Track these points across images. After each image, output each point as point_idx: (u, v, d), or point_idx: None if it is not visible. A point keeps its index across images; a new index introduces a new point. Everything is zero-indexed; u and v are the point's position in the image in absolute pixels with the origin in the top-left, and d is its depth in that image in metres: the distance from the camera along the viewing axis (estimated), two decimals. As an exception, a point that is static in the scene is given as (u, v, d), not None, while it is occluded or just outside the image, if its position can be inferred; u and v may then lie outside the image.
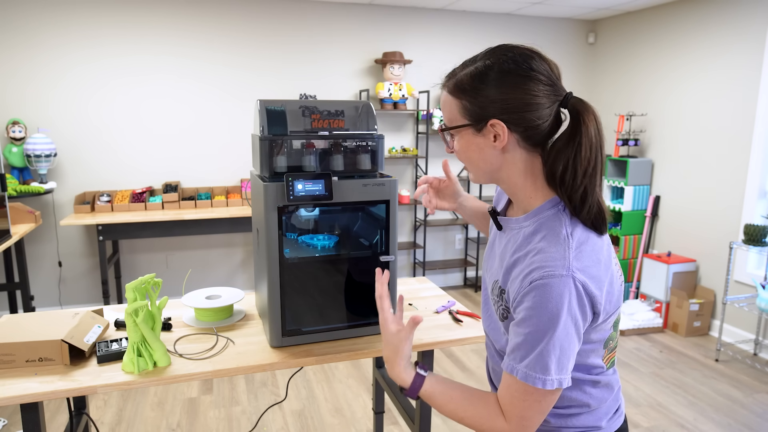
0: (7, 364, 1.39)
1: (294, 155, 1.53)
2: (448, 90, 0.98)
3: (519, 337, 0.91)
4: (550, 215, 0.96)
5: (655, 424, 2.85)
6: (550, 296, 0.87)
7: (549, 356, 0.88)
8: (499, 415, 0.95)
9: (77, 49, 3.96)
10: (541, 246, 0.92)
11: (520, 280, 0.92)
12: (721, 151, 3.97)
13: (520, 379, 0.90)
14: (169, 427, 2.78)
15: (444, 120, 1.01)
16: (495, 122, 0.92)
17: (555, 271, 0.87)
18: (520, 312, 0.91)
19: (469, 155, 0.99)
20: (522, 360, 0.90)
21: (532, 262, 0.91)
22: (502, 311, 0.99)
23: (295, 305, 1.53)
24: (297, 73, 4.46)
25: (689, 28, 4.18)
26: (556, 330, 0.87)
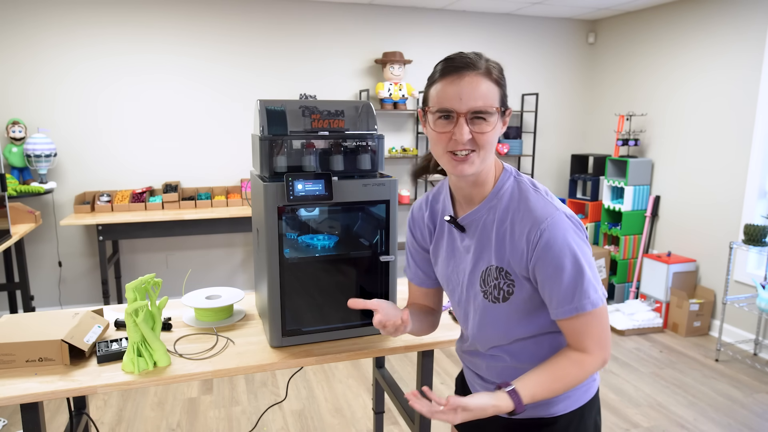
0: (7, 364, 1.39)
1: (294, 155, 1.53)
2: (491, 78, 1.05)
3: (562, 283, 1.02)
4: (512, 183, 1.10)
5: (655, 424, 2.85)
6: (560, 233, 1.01)
7: (590, 278, 1.02)
8: (583, 359, 1.05)
9: (77, 49, 3.96)
10: (523, 207, 1.06)
11: (525, 239, 1.03)
12: (721, 151, 3.97)
13: (589, 310, 1.02)
14: (169, 427, 2.78)
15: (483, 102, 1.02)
16: (509, 110, 1.09)
17: (552, 214, 1.02)
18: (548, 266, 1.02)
19: (494, 139, 1.06)
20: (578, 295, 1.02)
21: (527, 221, 1.04)
22: (506, 291, 1.08)
23: (295, 305, 1.53)
24: (297, 73, 4.46)
25: (689, 28, 4.18)
26: (581, 254, 1.02)
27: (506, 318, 1.11)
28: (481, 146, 1.04)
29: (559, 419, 1.16)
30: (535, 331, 1.12)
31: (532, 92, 5.08)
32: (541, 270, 1.03)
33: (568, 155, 5.34)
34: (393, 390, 2.02)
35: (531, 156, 5.05)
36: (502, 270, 1.08)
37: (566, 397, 1.15)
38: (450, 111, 1.03)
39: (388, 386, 2.07)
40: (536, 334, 1.13)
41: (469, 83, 1.02)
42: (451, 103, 1.02)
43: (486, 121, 1.03)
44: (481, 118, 1.03)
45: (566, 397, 1.15)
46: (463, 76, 1.03)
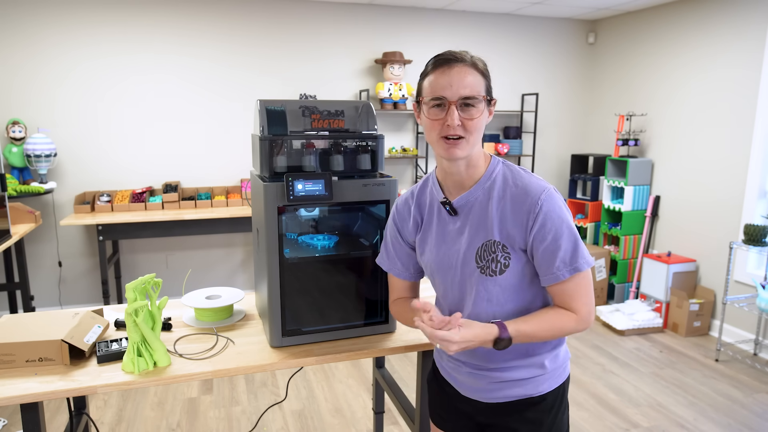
0: (7, 364, 1.39)
1: (294, 155, 1.53)
2: (478, 70, 1.17)
3: (559, 248, 1.14)
4: (501, 167, 1.23)
5: (655, 424, 2.85)
6: (555, 204, 1.15)
7: (580, 242, 1.16)
8: (569, 314, 1.17)
9: (77, 49, 3.96)
10: (519, 184, 1.18)
11: (526, 212, 1.15)
12: (721, 150, 3.97)
13: (583, 269, 1.15)
14: (169, 427, 2.78)
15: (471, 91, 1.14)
16: (494, 100, 1.20)
17: (546, 187, 1.16)
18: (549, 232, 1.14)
19: (481, 126, 1.17)
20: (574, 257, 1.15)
21: (525, 197, 1.16)
22: (502, 264, 1.18)
23: (295, 305, 1.53)
24: (297, 73, 4.46)
25: (689, 28, 4.18)
26: (572, 224, 1.17)
27: (501, 290, 1.20)
28: (470, 131, 1.15)
29: (546, 396, 1.26)
30: (526, 303, 1.22)
31: (532, 92, 5.08)
32: (541, 237, 1.14)
33: (568, 155, 5.34)
34: (393, 390, 2.02)
35: (531, 156, 5.05)
36: (500, 243, 1.18)
37: (550, 377, 1.26)
38: (442, 99, 1.14)
39: (388, 386, 2.08)
40: (527, 306, 1.23)
41: (458, 73, 1.14)
42: (443, 91, 1.14)
43: (474, 107, 1.15)
44: (469, 105, 1.15)
45: (550, 377, 1.26)
46: (453, 67, 1.15)
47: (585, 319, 1.18)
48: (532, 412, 1.26)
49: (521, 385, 1.25)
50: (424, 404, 1.71)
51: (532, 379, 1.25)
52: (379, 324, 1.64)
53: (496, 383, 1.27)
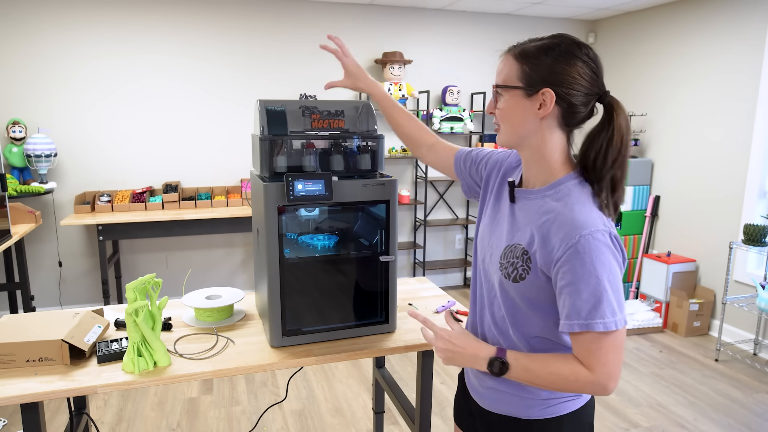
0: (7, 364, 1.39)
1: (294, 155, 1.53)
2: (512, 54, 1.08)
3: (581, 294, 0.99)
4: (575, 184, 1.07)
5: (655, 424, 2.85)
6: (600, 249, 0.98)
7: (612, 299, 0.99)
8: (581, 370, 1.02)
9: (78, 50, 3.96)
10: (574, 209, 1.03)
11: (560, 242, 1.01)
12: (721, 150, 3.97)
13: (598, 330, 0.98)
14: (169, 427, 2.78)
15: (498, 80, 1.10)
16: (546, 90, 1.03)
17: (597, 227, 0.99)
18: (573, 271, 0.99)
19: (511, 115, 1.08)
20: (592, 312, 0.99)
21: (567, 224, 1.01)
22: (519, 272, 1.08)
23: (295, 305, 1.53)
24: (297, 73, 4.46)
25: (689, 28, 4.18)
26: (610, 275, 0.99)
27: (511, 299, 1.12)
28: (499, 121, 1.11)
29: (533, 424, 1.15)
30: (535, 330, 1.11)
31: (532, 92, 5.07)
32: (565, 275, 1.01)
33: (568, 155, 5.33)
34: (393, 390, 2.02)
35: (531, 156, 5.05)
36: (526, 253, 1.08)
37: (544, 404, 1.14)
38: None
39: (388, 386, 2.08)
40: (536, 334, 1.12)
41: (502, 64, 1.10)
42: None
43: (501, 96, 1.09)
44: (498, 93, 1.10)
45: (544, 404, 1.14)
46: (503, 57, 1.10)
47: (601, 381, 1.01)
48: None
49: (509, 402, 1.17)
50: (424, 404, 1.71)
51: (523, 399, 1.15)
52: (379, 324, 1.64)
53: (489, 389, 1.21)
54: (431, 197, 5.01)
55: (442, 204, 5.06)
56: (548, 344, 1.12)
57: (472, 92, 4.92)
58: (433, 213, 5.04)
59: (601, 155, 1.04)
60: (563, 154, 1.09)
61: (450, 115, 4.65)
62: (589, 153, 1.05)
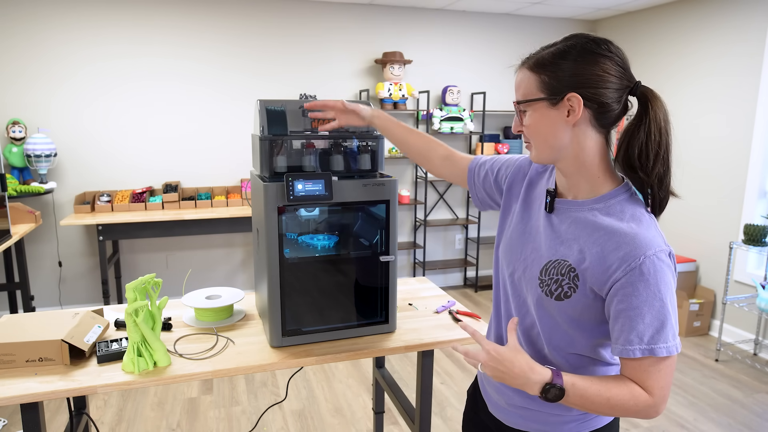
0: (7, 364, 1.39)
1: (294, 155, 1.53)
2: (527, 67, 1.01)
3: (644, 317, 0.93)
4: (627, 197, 1.01)
5: (655, 424, 2.85)
6: (663, 272, 0.93)
7: (671, 325, 0.94)
8: (641, 393, 0.97)
9: (77, 50, 3.96)
10: (633, 227, 0.96)
11: (619, 259, 0.94)
12: (721, 150, 3.97)
13: (661, 355, 0.94)
14: (169, 427, 2.78)
15: (518, 97, 1.03)
16: (572, 95, 0.96)
17: (660, 248, 0.94)
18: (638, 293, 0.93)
19: (540, 129, 1.01)
20: (655, 337, 0.94)
21: (628, 243, 0.95)
22: (565, 290, 1.01)
23: (295, 305, 1.53)
24: (297, 73, 4.46)
25: (689, 29, 4.18)
26: (672, 297, 0.95)
27: (551, 316, 1.05)
28: (530, 137, 1.04)
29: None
30: (574, 348, 1.06)
31: (532, 92, 5.07)
32: (626, 298, 0.94)
33: (568, 155, 5.33)
34: (393, 390, 2.02)
35: (531, 156, 5.05)
36: (573, 270, 1.00)
37: (577, 420, 1.10)
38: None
39: (388, 386, 2.08)
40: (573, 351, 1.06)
41: (519, 80, 1.03)
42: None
43: (525, 112, 1.02)
44: (522, 111, 1.03)
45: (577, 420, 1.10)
46: (517, 71, 1.04)
47: (658, 404, 0.96)
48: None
49: (538, 420, 1.11)
50: (424, 404, 1.71)
51: (553, 416, 1.10)
52: (379, 324, 1.64)
53: (518, 408, 1.14)
54: (431, 197, 5.01)
55: (442, 204, 5.06)
56: (585, 361, 1.07)
57: (472, 92, 4.92)
58: (433, 213, 5.04)
59: (643, 151, 0.97)
60: (604, 160, 1.02)
61: (450, 115, 4.65)
62: (629, 151, 0.98)
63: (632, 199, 1.02)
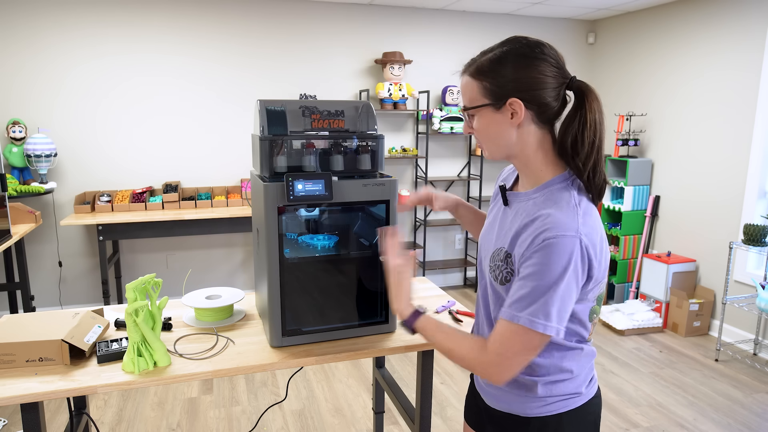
0: (7, 364, 1.39)
1: (294, 155, 1.53)
2: (469, 74, 1.09)
3: (525, 288, 1.01)
4: (560, 188, 1.08)
5: (655, 424, 2.85)
6: (561, 253, 0.98)
7: (552, 305, 0.99)
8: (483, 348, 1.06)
9: (77, 49, 3.96)
10: (551, 212, 1.03)
11: (531, 239, 1.02)
12: (721, 150, 3.97)
13: (522, 324, 1.00)
14: (169, 427, 2.78)
15: (465, 102, 1.12)
16: (513, 100, 1.04)
17: (567, 232, 0.99)
18: (529, 267, 1.01)
19: (488, 132, 1.10)
20: (526, 308, 1.00)
21: (543, 225, 1.01)
22: (504, 275, 1.10)
23: (295, 305, 1.53)
24: (297, 73, 4.46)
25: (689, 28, 4.18)
26: (561, 283, 0.98)
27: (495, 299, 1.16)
28: (480, 140, 1.13)
29: (531, 420, 1.17)
30: None
31: (532, 92, 5.07)
32: (523, 270, 1.02)
33: (568, 155, 5.33)
34: (393, 390, 2.02)
35: (531, 156, 5.05)
36: (509, 256, 1.09)
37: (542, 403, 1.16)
38: None
39: (388, 386, 2.08)
40: None
41: (463, 85, 1.11)
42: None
43: (473, 117, 1.11)
44: (470, 115, 1.12)
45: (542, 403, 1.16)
46: (461, 77, 1.12)
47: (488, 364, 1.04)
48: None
49: (509, 401, 1.20)
50: (424, 404, 1.71)
51: (521, 397, 1.17)
52: (379, 324, 1.64)
53: (491, 388, 1.25)
54: (431, 197, 5.00)
55: (442, 204, 5.06)
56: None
57: (472, 92, 4.92)
58: (433, 213, 5.04)
59: (578, 140, 1.05)
60: (549, 152, 1.10)
61: (450, 115, 4.65)
62: (565, 139, 1.07)
63: (565, 188, 1.07)
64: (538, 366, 1.14)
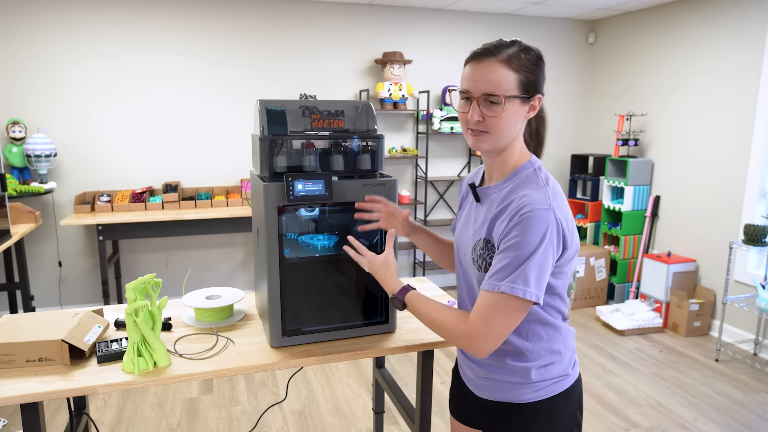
0: (7, 364, 1.39)
1: (294, 155, 1.53)
2: (501, 62, 1.10)
3: (505, 260, 1.08)
4: (528, 173, 1.18)
5: (655, 424, 2.85)
6: (537, 224, 1.06)
7: (530, 272, 1.06)
8: (466, 319, 1.12)
9: (77, 50, 3.96)
10: (525, 193, 1.12)
11: (509, 218, 1.10)
12: (721, 150, 3.97)
13: (503, 291, 1.07)
14: (169, 427, 2.78)
15: (490, 88, 1.11)
16: (539, 97, 1.15)
17: (540, 206, 1.07)
18: (508, 241, 1.08)
19: (509, 122, 1.13)
20: (506, 278, 1.07)
21: (519, 203, 1.10)
22: (488, 262, 1.16)
23: (295, 305, 1.53)
24: (297, 73, 4.46)
25: (689, 28, 4.18)
26: (538, 251, 1.06)
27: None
28: (491, 129, 1.13)
29: (526, 407, 1.22)
30: None
31: (532, 92, 5.08)
32: (503, 243, 1.10)
33: (568, 155, 5.34)
34: (393, 390, 2.02)
35: (531, 156, 5.05)
36: (489, 242, 1.17)
37: (536, 388, 1.21)
38: (467, 92, 1.14)
39: (388, 386, 2.08)
40: None
41: (485, 68, 1.11)
42: (468, 84, 1.13)
43: (497, 105, 1.11)
44: (493, 102, 1.11)
45: (536, 388, 1.21)
46: (482, 61, 1.11)
47: (472, 336, 1.09)
48: (516, 419, 1.24)
49: (504, 389, 1.24)
50: (424, 404, 1.71)
51: (516, 385, 1.22)
52: (379, 324, 1.64)
53: (483, 379, 1.28)
54: (431, 197, 5.01)
55: (442, 204, 5.06)
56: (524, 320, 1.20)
57: (472, 92, 4.92)
58: (433, 213, 5.04)
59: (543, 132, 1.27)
60: (521, 142, 1.22)
61: (450, 115, 4.65)
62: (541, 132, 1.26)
63: (534, 173, 1.18)
64: (529, 351, 1.19)
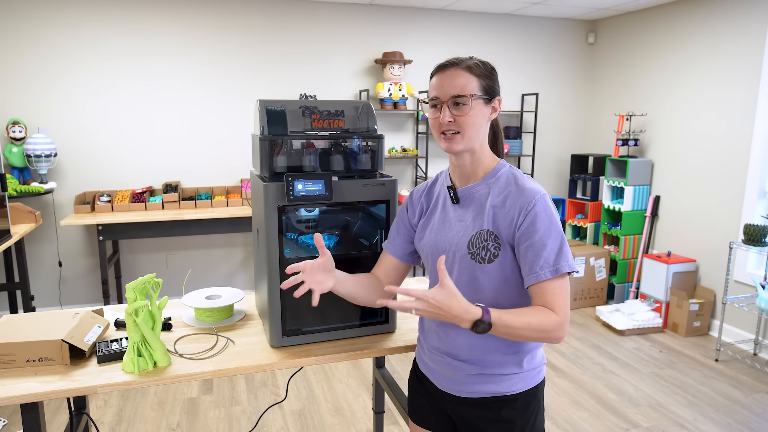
0: (7, 364, 1.39)
1: (294, 155, 1.53)
2: (465, 69, 1.24)
3: (546, 246, 1.18)
4: (507, 171, 1.31)
5: (655, 424, 2.85)
6: (549, 206, 1.22)
7: (566, 247, 1.20)
8: (550, 313, 1.17)
9: (78, 50, 3.96)
10: (519, 185, 1.26)
11: (518, 209, 1.22)
12: (721, 150, 3.97)
13: (565, 271, 1.17)
14: (169, 427, 2.78)
15: (456, 91, 1.23)
16: (499, 99, 1.30)
17: (541, 192, 1.23)
18: (538, 229, 1.19)
19: (476, 120, 1.25)
20: (559, 258, 1.18)
21: (520, 196, 1.23)
22: (493, 253, 1.24)
23: (295, 305, 1.53)
24: (297, 73, 4.46)
25: (689, 29, 4.18)
26: (559, 227, 1.22)
27: (488, 280, 1.25)
28: (463, 128, 1.24)
29: (519, 397, 1.29)
30: (508, 301, 1.26)
31: (532, 92, 5.08)
32: (529, 236, 1.19)
33: (568, 155, 5.34)
34: (393, 390, 2.02)
35: (531, 156, 5.05)
36: (492, 233, 1.24)
37: (526, 377, 1.29)
38: (436, 99, 1.26)
39: (388, 386, 2.08)
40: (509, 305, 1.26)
41: (451, 75, 1.24)
42: (437, 91, 1.26)
43: (464, 105, 1.23)
44: (459, 103, 1.23)
45: (526, 377, 1.29)
46: (447, 70, 1.25)
47: (563, 323, 1.16)
48: (506, 411, 1.28)
49: (495, 382, 1.28)
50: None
51: (508, 376, 1.28)
52: (379, 324, 1.64)
53: (473, 376, 1.29)
54: (431, 197, 5.01)
55: (442, 204, 5.06)
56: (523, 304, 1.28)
57: (472, 92, 4.92)
58: (433, 213, 5.04)
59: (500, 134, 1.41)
60: (487, 145, 1.33)
61: (450, 115, 4.64)
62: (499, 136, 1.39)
63: (511, 169, 1.32)
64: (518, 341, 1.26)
